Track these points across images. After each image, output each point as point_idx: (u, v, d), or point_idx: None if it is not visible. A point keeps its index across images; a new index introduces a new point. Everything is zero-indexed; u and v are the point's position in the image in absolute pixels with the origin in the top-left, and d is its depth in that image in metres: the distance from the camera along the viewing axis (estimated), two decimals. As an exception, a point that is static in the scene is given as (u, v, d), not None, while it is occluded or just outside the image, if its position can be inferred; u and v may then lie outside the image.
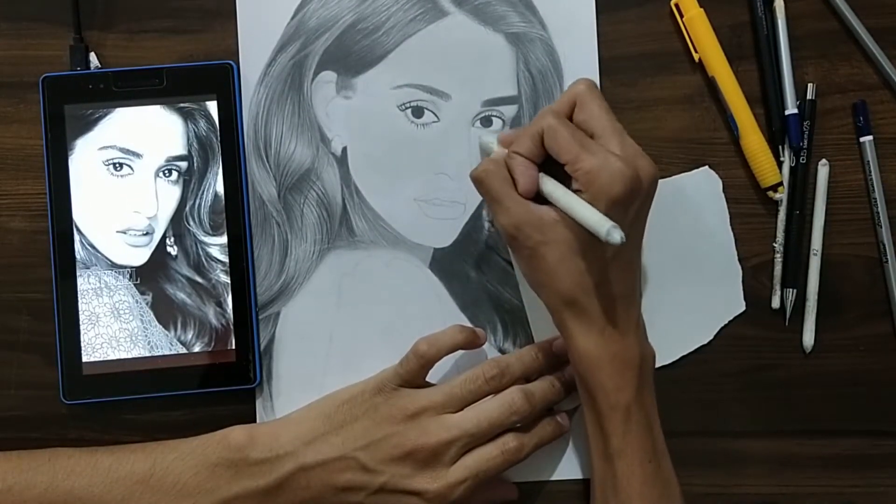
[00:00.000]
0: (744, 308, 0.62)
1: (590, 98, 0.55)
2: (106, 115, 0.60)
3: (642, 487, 0.55)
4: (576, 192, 0.52)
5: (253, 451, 0.55)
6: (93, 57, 0.62)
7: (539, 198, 0.55)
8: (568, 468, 0.61)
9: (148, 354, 0.60)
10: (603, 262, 0.53)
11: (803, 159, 0.62)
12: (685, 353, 0.62)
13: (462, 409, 0.56)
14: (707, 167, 0.62)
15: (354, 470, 0.55)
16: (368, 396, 0.57)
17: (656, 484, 0.55)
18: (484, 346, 0.61)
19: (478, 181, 0.56)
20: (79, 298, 0.60)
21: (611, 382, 0.54)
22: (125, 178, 0.60)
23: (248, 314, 0.60)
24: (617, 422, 0.54)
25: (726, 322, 0.62)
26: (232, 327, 0.60)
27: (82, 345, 0.60)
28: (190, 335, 0.60)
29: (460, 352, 0.59)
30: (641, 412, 0.55)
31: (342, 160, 0.62)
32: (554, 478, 0.62)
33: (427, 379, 0.58)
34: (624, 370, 0.54)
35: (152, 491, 0.55)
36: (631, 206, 0.53)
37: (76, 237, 0.60)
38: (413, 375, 0.57)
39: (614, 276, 0.54)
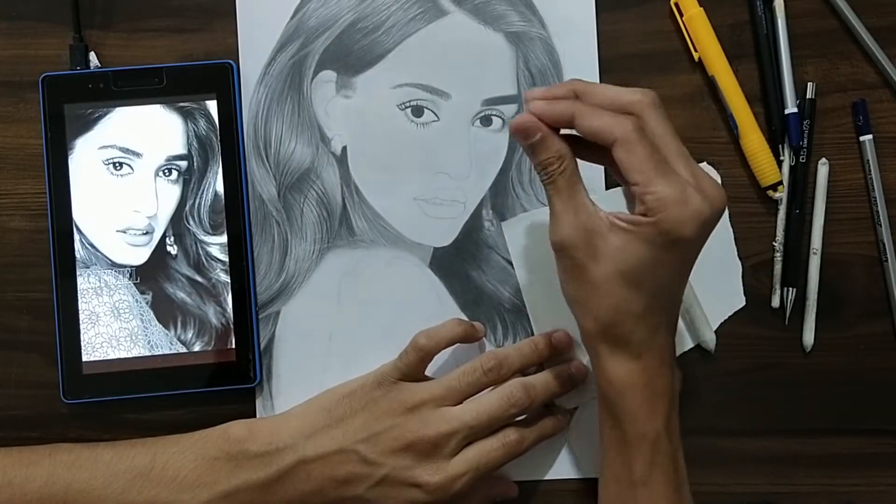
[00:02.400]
0: (744, 303, 0.62)
1: (654, 116, 0.50)
2: (106, 114, 0.60)
3: None
4: (640, 214, 0.49)
5: (253, 444, 0.55)
6: (92, 56, 0.62)
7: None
8: (567, 467, 0.61)
9: (148, 354, 0.60)
10: (651, 291, 0.51)
11: (803, 158, 0.62)
12: (685, 349, 0.62)
13: (462, 402, 0.56)
14: (705, 163, 0.62)
15: (355, 462, 0.55)
16: (368, 390, 0.57)
17: None
18: (484, 344, 0.61)
19: (545, 177, 0.52)
20: (79, 298, 0.60)
21: (641, 411, 0.52)
22: (125, 177, 0.60)
23: (248, 313, 0.60)
24: (644, 450, 0.52)
25: (727, 317, 0.62)
26: (232, 326, 0.60)
27: (82, 344, 0.60)
28: (190, 334, 0.60)
29: (460, 347, 0.60)
30: (669, 442, 0.53)
31: (342, 159, 0.62)
32: (552, 477, 0.62)
33: (426, 373, 0.58)
34: (655, 398, 0.52)
35: (152, 484, 0.55)
36: (693, 244, 0.50)
37: (76, 236, 0.60)
38: (412, 369, 0.57)
39: (659, 307, 0.51)
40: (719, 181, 0.62)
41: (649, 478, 0.53)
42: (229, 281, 0.60)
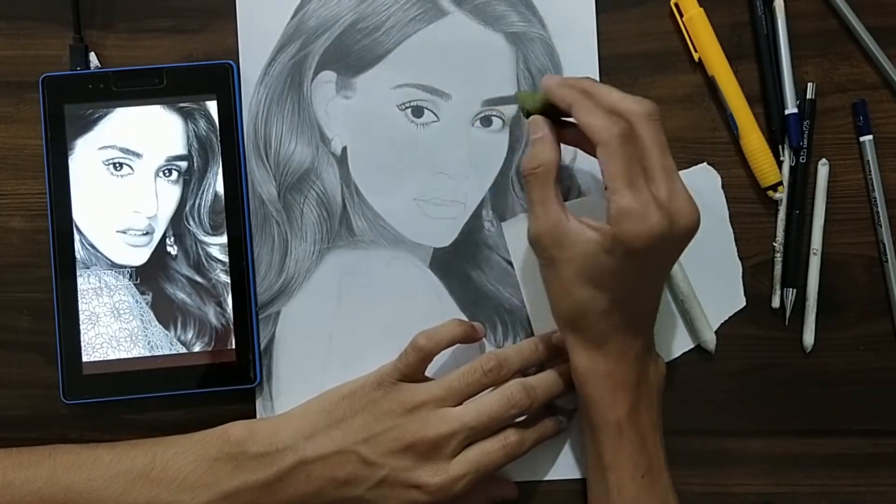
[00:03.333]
0: (744, 303, 0.62)
1: (646, 127, 0.52)
2: (106, 114, 0.60)
3: (633, 502, 0.55)
4: (607, 221, 0.52)
5: (253, 445, 0.55)
6: (93, 57, 0.62)
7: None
8: (566, 467, 0.61)
9: (148, 354, 0.60)
10: (613, 294, 0.53)
11: (803, 159, 0.62)
12: (685, 350, 0.62)
13: (462, 403, 0.56)
14: (705, 163, 0.62)
15: (355, 463, 0.55)
16: (368, 391, 0.57)
17: (649, 499, 0.55)
18: (484, 345, 0.61)
19: (524, 180, 0.56)
20: (79, 298, 0.60)
21: (602, 399, 0.55)
22: (125, 177, 0.60)
23: (248, 314, 0.60)
24: (608, 436, 0.55)
25: (727, 317, 0.62)
26: (232, 327, 0.60)
27: (82, 344, 0.60)
28: (190, 335, 0.60)
29: (460, 348, 0.60)
30: (634, 429, 0.55)
31: (342, 160, 0.62)
32: (552, 477, 0.62)
33: (426, 374, 0.58)
34: (616, 388, 0.55)
35: (152, 485, 0.55)
36: (651, 257, 0.52)
37: (76, 237, 0.60)
38: (412, 370, 0.57)
39: (622, 308, 0.54)
40: (719, 183, 0.62)
41: (614, 462, 0.55)
42: (229, 281, 0.60)
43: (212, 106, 0.61)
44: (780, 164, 0.62)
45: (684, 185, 0.53)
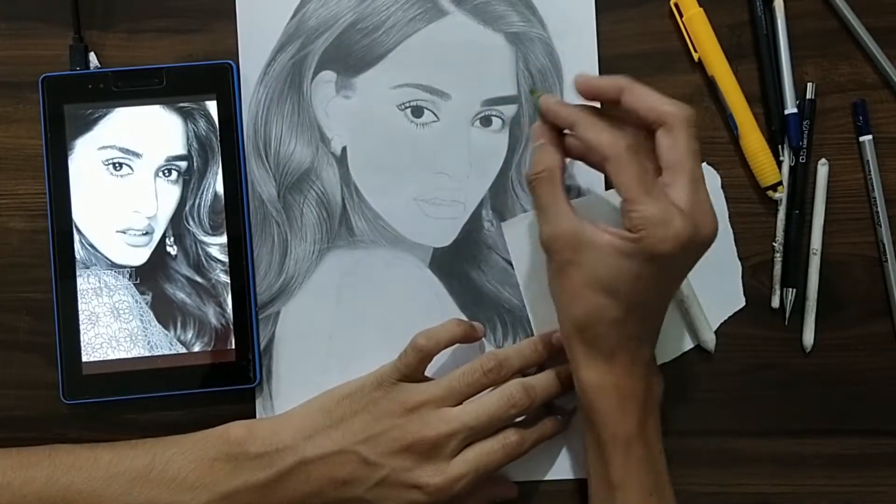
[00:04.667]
0: (744, 303, 0.62)
1: (683, 132, 0.52)
2: (106, 114, 0.60)
3: None
4: (626, 229, 0.51)
5: (252, 445, 0.55)
6: (92, 57, 0.62)
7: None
8: (567, 467, 0.61)
9: (148, 354, 0.60)
10: (627, 302, 0.52)
11: (803, 159, 0.62)
12: (685, 350, 0.62)
13: (462, 403, 0.56)
14: (705, 163, 0.62)
15: (355, 464, 0.55)
16: (368, 391, 0.57)
17: None
18: (484, 345, 0.61)
19: (530, 185, 0.56)
20: (78, 298, 0.60)
21: (611, 413, 0.54)
22: (125, 177, 0.60)
23: (248, 314, 0.60)
24: (617, 452, 0.54)
25: (726, 317, 0.62)
26: (232, 327, 0.60)
27: (82, 345, 0.60)
28: (190, 335, 0.60)
29: (460, 348, 0.60)
30: (643, 444, 0.54)
31: (342, 160, 0.62)
32: (552, 477, 0.62)
33: (426, 374, 0.58)
34: (626, 401, 0.54)
35: (152, 485, 0.55)
36: (673, 264, 0.52)
37: (76, 237, 0.60)
38: (412, 370, 0.57)
39: (635, 317, 0.53)
40: (719, 183, 0.62)
41: (623, 480, 0.54)
42: (229, 281, 0.60)
43: (211, 106, 0.61)
44: (779, 163, 0.62)
45: (708, 196, 0.52)
